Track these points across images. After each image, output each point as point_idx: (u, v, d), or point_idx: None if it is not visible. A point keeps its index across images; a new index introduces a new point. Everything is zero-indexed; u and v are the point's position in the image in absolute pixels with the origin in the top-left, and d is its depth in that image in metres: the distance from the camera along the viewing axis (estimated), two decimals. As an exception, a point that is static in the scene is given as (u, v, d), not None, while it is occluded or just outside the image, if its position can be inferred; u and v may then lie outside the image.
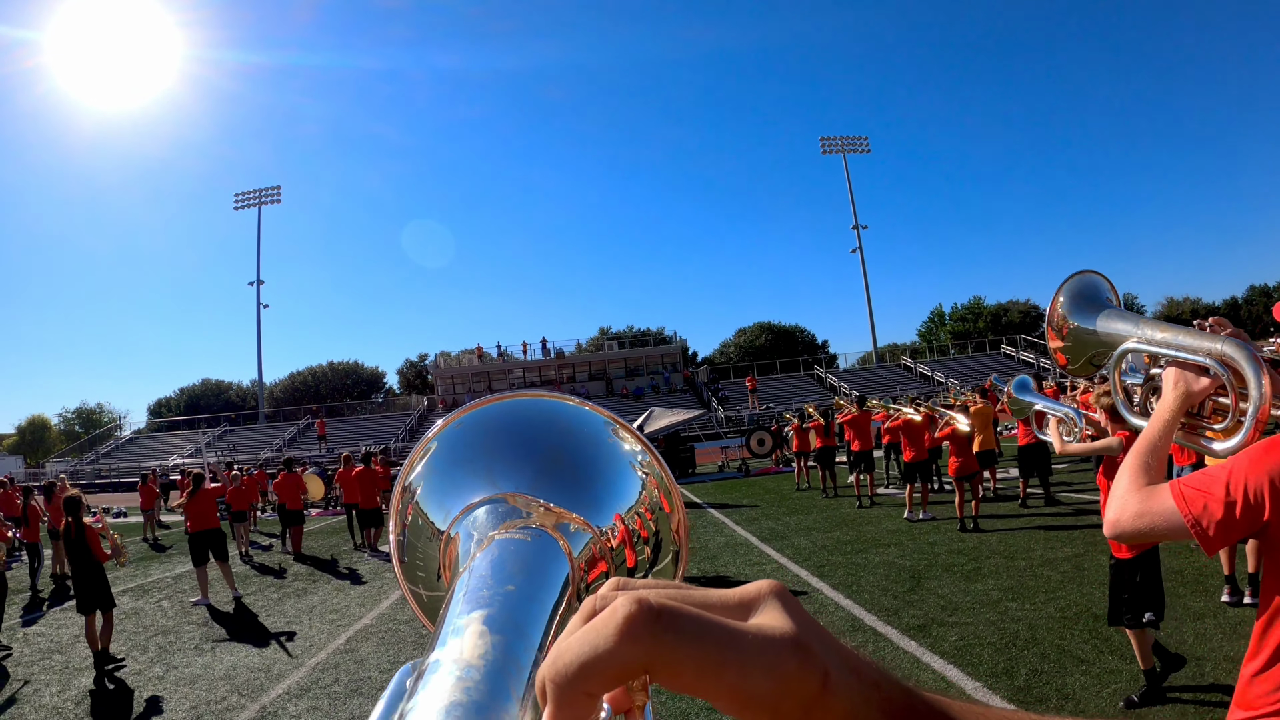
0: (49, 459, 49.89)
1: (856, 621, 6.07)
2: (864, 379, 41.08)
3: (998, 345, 45.35)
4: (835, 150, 51.28)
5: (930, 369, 40.81)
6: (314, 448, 36.88)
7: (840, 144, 51.20)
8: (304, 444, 38.80)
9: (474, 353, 45.66)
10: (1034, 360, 40.16)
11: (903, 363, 45.02)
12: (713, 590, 0.30)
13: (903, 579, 7.26)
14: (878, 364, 47.11)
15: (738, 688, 0.26)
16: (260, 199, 52.90)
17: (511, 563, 0.47)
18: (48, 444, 62.85)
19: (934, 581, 7.05)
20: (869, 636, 5.69)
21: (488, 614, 0.39)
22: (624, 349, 46.90)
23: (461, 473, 0.60)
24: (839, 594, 6.95)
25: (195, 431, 45.84)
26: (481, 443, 0.61)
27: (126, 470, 36.58)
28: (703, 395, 37.75)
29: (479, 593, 0.42)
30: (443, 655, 0.35)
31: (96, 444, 47.13)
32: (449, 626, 0.38)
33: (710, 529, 11.83)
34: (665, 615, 0.27)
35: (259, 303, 51.10)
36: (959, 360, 43.20)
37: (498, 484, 0.58)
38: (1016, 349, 42.89)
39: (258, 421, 47.85)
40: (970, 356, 44.27)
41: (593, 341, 52.33)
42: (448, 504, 0.58)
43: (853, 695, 0.27)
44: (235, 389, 65.72)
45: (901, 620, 5.95)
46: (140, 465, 36.57)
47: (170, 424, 52.24)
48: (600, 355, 46.28)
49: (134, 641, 7.87)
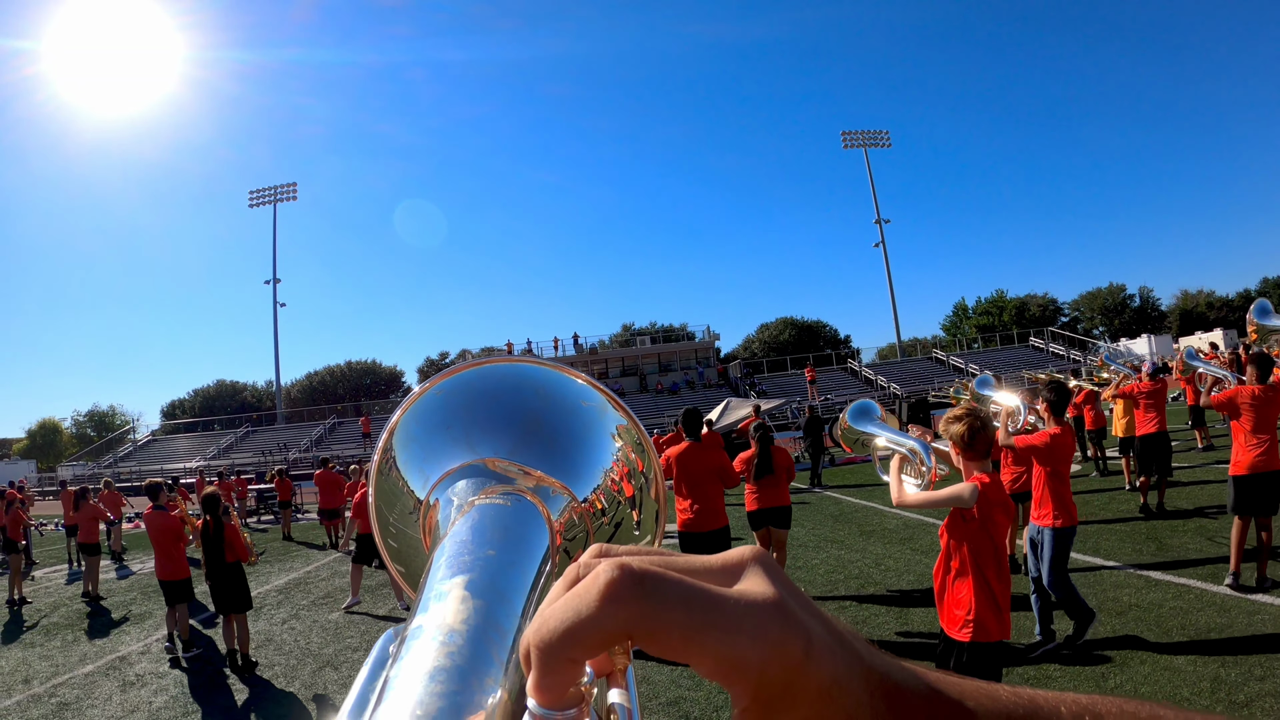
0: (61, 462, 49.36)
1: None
2: (896, 371, 40.84)
3: (1025, 338, 45.12)
4: (856, 144, 51.03)
5: (964, 361, 40.58)
6: (343, 446, 36.36)
7: (861, 138, 50.96)
8: (333, 443, 38.29)
9: (503, 350, 45.24)
10: (1063, 352, 39.97)
11: (934, 355, 44.80)
12: (695, 556, 0.30)
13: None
14: (903, 357, 46.88)
15: (720, 652, 0.26)
16: (276, 196, 52.25)
17: (492, 528, 0.46)
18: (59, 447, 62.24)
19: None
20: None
21: (469, 579, 0.38)
22: (655, 344, 46.47)
23: (440, 439, 0.59)
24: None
25: (212, 433, 45.31)
26: (460, 408, 0.60)
27: (146, 473, 35.99)
28: (739, 389, 37.41)
29: (460, 558, 0.41)
30: (425, 620, 0.35)
31: (113, 447, 46.55)
32: (431, 592, 0.38)
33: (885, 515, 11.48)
34: (648, 580, 0.27)
35: (275, 301, 50.41)
36: (988, 353, 42.96)
37: (477, 449, 0.57)
38: (1045, 341, 42.68)
39: (276, 422, 47.28)
40: (998, 349, 44.04)
41: (616, 338, 51.92)
42: (427, 470, 0.57)
43: (836, 664, 0.27)
44: (250, 390, 65.20)
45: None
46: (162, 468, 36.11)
47: (186, 426, 51.66)
48: (633, 350, 45.85)
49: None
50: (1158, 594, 5.83)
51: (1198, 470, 11.21)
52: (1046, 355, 40.74)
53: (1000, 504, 3.40)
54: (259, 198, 52.95)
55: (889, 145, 51.68)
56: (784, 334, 61.63)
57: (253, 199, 53.34)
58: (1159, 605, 5.57)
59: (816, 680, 0.26)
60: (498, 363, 0.62)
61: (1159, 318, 62.40)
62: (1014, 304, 61.25)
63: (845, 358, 46.05)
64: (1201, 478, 10.58)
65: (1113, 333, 56.72)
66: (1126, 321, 61.10)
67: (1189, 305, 62.03)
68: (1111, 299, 63.18)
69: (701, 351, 44.86)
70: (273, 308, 50.13)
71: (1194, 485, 10.04)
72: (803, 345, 56.15)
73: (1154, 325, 58.76)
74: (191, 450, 41.47)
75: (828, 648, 0.27)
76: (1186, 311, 60.76)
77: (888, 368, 42.12)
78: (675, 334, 50.50)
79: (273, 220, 51.61)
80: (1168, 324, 59.55)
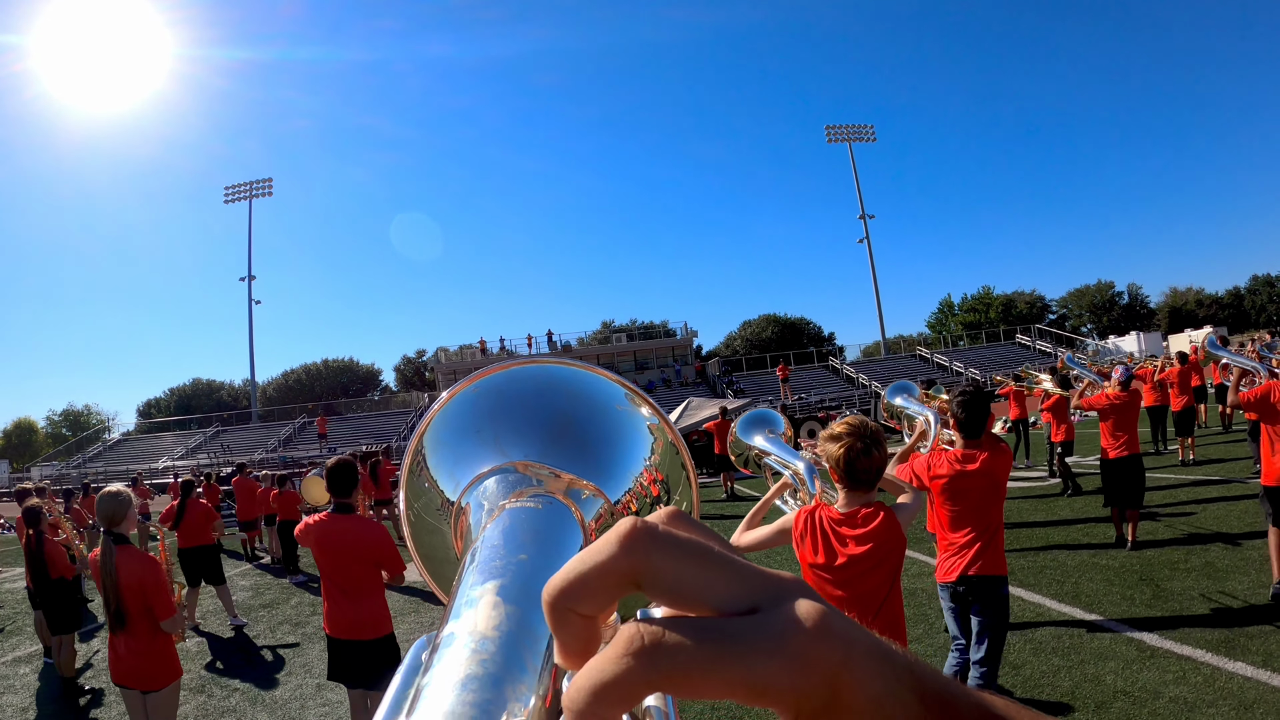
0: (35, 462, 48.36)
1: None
2: (879, 369, 40.03)
3: (1011, 335, 44.42)
4: (841, 139, 50.11)
5: (948, 359, 39.82)
6: (311, 447, 35.42)
7: (846, 133, 50.04)
8: (300, 443, 37.35)
9: (476, 347, 44.37)
10: (1051, 350, 39.25)
11: (918, 353, 44.02)
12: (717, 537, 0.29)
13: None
14: (887, 355, 46.10)
15: (726, 595, 0.26)
16: (251, 191, 51.23)
17: (523, 531, 0.46)
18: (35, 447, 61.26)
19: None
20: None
21: (501, 584, 0.38)
22: (632, 341, 45.60)
23: (469, 443, 0.59)
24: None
25: (186, 433, 44.36)
26: (488, 412, 0.60)
27: (114, 474, 35.01)
28: (717, 388, 36.56)
29: (491, 563, 0.41)
30: (457, 628, 0.35)
31: (84, 446, 45.53)
32: (462, 598, 0.38)
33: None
34: (664, 534, 0.27)
35: (250, 298, 49.53)
36: (974, 350, 42.24)
37: (506, 453, 0.56)
38: (1031, 339, 41.95)
39: (251, 421, 46.31)
40: (984, 346, 43.32)
41: (596, 335, 51.07)
42: (457, 474, 0.57)
43: (885, 674, 0.26)
44: (227, 389, 64.28)
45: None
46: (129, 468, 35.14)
47: (160, 425, 50.67)
48: (608, 348, 44.90)
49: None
50: (1154, 672, 4.38)
51: (1180, 491, 9.46)
52: (1033, 353, 40.01)
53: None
54: (234, 193, 51.96)
55: (874, 140, 50.82)
56: (767, 331, 60.80)
57: (228, 195, 52.28)
58: (1156, 692, 4.14)
59: (864, 690, 0.25)
60: (526, 364, 0.61)
61: (1148, 315, 61.91)
62: (1000, 301, 60.65)
63: (826, 355, 45.24)
64: (1184, 499, 8.91)
65: (1101, 330, 56.18)
66: (1115, 319, 60.57)
67: (1178, 303, 61.53)
68: (1100, 296, 62.64)
69: (679, 349, 44.02)
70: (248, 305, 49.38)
71: (1177, 513, 8.24)
72: (786, 343, 55.19)
73: (1143, 323, 58.26)
74: (160, 451, 40.49)
75: (873, 658, 0.26)
76: (1176, 309, 60.26)
77: (870, 366, 41.28)
78: (652, 331, 49.65)
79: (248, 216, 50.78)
80: (1157, 321, 59.05)
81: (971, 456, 3.83)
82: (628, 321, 59.49)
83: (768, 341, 58.00)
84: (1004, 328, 47.77)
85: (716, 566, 0.26)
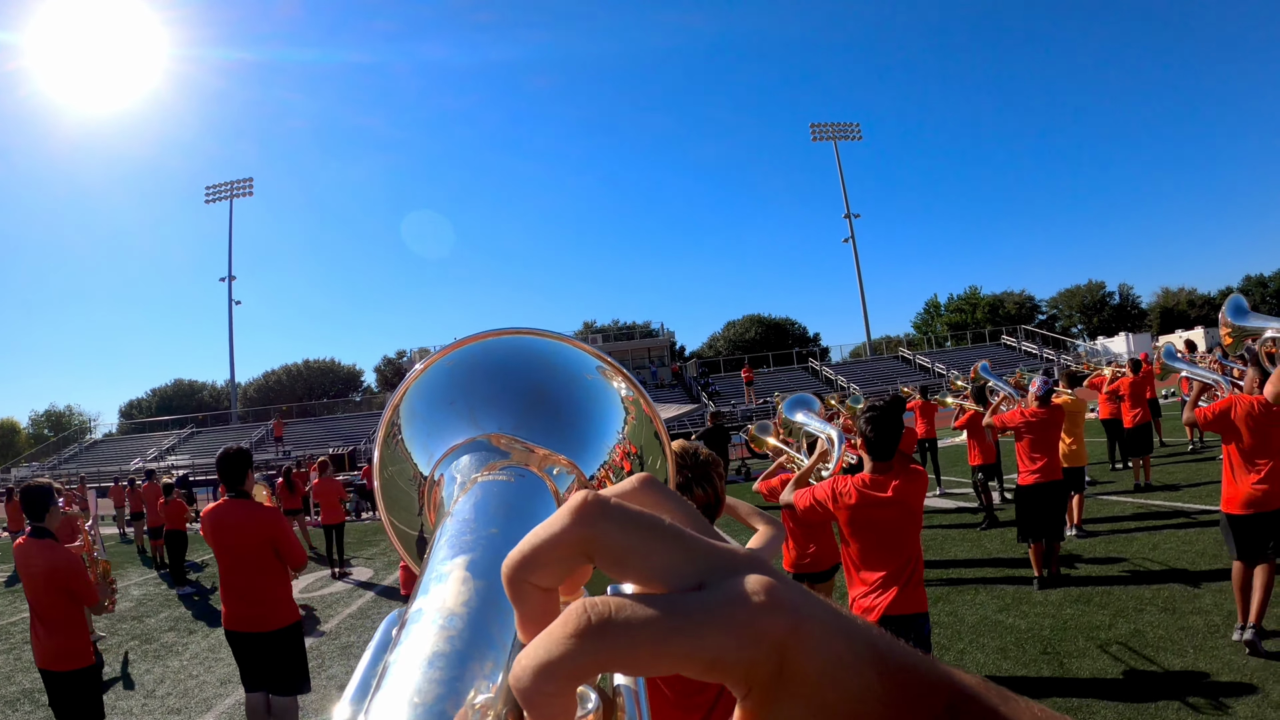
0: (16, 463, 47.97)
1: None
2: (861, 371, 39.39)
3: (997, 336, 43.76)
4: (826, 137, 49.52)
5: (930, 360, 39.19)
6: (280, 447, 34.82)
7: (831, 130, 49.46)
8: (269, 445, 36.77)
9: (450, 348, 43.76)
10: (1036, 351, 38.62)
11: (900, 354, 43.38)
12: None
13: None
14: (872, 356, 45.45)
15: (672, 571, 0.26)
16: (232, 191, 50.94)
17: (495, 505, 0.45)
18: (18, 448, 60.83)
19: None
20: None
21: (471, 559, 0.37)
22: (608, 342, 44.94)
23: (443, 415, 0.57)
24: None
25: (165, 433, 43.88)
26: (463, 383, 0.59)
27: (91, 475, 34.48)
28: (692, 390, 35.93)
29: (462, 537, 0.40)
30: (426, 603, 0.34)
31: (59, 449, 45.07)
32: (432, 573, 0.37)
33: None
34: (615, 507, 0.27)
35: (230, 298, 49.23)
36: (957, 351, 41.58)
37: (480, 425, 0.55)
38: (1017, 340, 41.32)
39: (230, 422, 45.79)
40: (969, 348, 42.66)
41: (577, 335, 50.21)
42: (431, 446, 0.56)
43: (836, 644, 0.26)
44: (209, 389, 63.80)
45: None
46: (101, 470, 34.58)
47: (140, 426, 50.25)
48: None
49: None
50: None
51: (1128, 521, 8.23)
52: (1019, 354, 39.36)
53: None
54: (215, 193, 51.64)
55: (859, 138, 50.28)
56: (750, 332, 60.10)
57: (209, 195, 52.04)
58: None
59: (815, 660, 0.25)
60: (502, 335, 0.59)
61: (1139, 316, 61.27)
62: (987, 301, 59.98)
63: (806, 357, 44.59)
64: (1131, 529, 7.76)
65: (1091, 331, 55.52)
66: (1106, 319, 59.92)
67: (1170, 303, 60.94)
68: (1090, 296, 62.02)
69: (656, 350, 43.36)
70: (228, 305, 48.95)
71: (1113, 554, 7.00)
72: (770, 344, 54.47)
73: (1134, 323, 57.61)
74: (136, 452, 39.97)
75: (824, 628, 0.26)
76: (1167, 309, 59.67)
77: (849, 367, 40.66)
78: (630, 331, 48.97)
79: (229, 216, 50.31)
80: (1148, 322, 58.44)
81: (881, 483, 3.34)
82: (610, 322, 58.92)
83: (751, 342, 57.34)
84: (990, 328, 47.13)
85: (665, 540, 0.26)
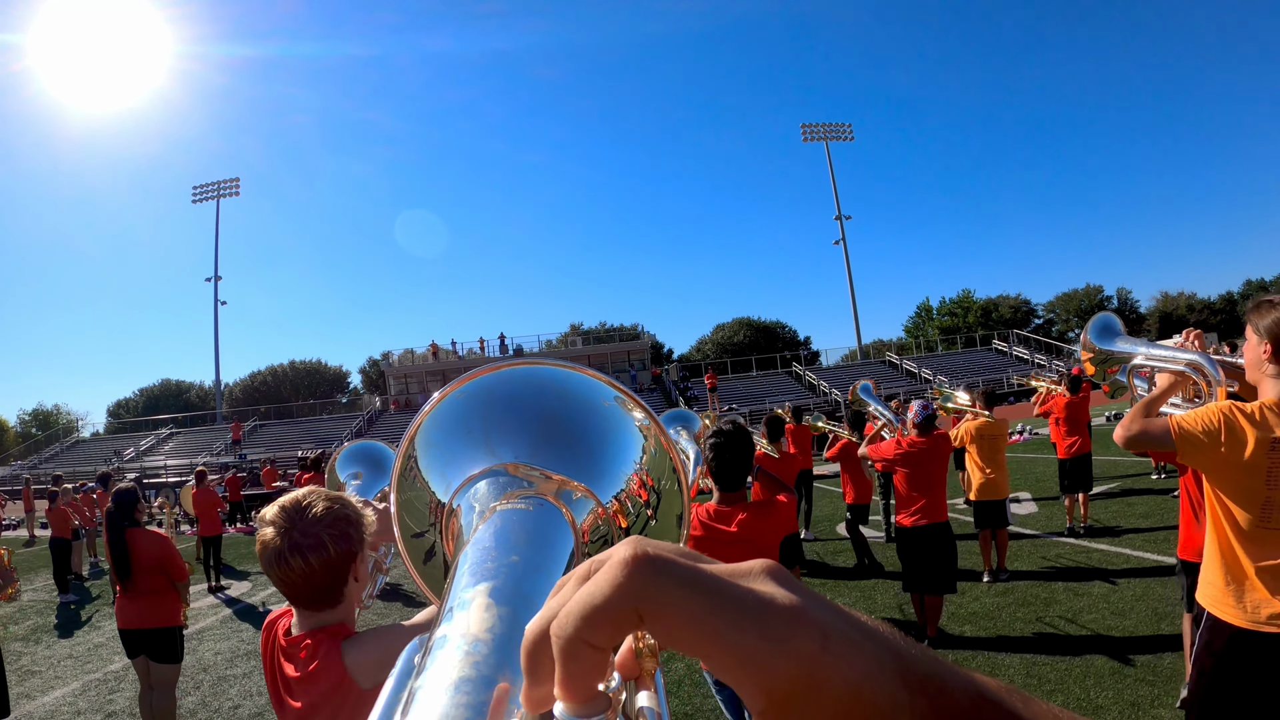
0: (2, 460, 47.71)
1: None
2: (847, 376, 38.62)
3: (989, 340, 42.96)
4: (817, 137, 48.80)
5: (918, 365, 38.40)
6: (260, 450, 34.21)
7: (822, 131, 48.72)
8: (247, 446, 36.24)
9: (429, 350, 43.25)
10: (1027, 356, 37.81)
11: (887, 359, 42.59)
12: (714, 562, 0.30)
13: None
14: (862, 361, 44.67)
15: (728, 639, 0.26)
16: (219, 191, 50.77)
17: (515, 533, 0.46)
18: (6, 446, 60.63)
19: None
20: None
21: (493, 586, 0.38)
22: (588, 345, 44.40)
23: (460, 444, 0.59)
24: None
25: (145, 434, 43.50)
26: (479, 413, 0.60)
27: (72, 475, 34.02)
28: (671, 394, 35.26)
29: (483, 565, 0.41)
30: (449, 630, 0.35)
31: (39, 448, 44.81)
32: (454, 600, 0.37)
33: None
34: (660, 561, 0.27)
35: (216, 298, 48.90)
36: (948, 356, 40.80)
37: (497, 454, 0.57)
38: (1009, 344, 40.50)
39: (215, 422, 45.38)
40: (960, 352, 41.87)
41: (563, 338, 49.87)
42: (449, 476, 0.58)
43: (865, 659, 0.26)
44: (196, 390, 63.44)
45: None
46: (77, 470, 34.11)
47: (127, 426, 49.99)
48: (562, 352, 43.68)
49: None
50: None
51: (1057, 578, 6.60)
52: (1010, 359, 38.57)
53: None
54: (201, 194, 51.43)
55: (851, 139, 49.53)
56: (740, 335, 59.26)
57: (196, 194, 51.84)
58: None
59: (843, 677, 0.25)
60: (516, 365, 0.61)
61: (1138, 321, 60.31)
62: (980, 305, 59.07)
63: (790, 361, 43.83)
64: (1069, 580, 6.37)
65: (1088, 336, 54.48)
66: (1103, 324, 58.86)
67: (1169, 308, 60.03)
68: (1088, 301, 61.07)
69: (637, 353, 42.73)
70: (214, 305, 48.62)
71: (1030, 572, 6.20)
72: (759, 347, 53.73)
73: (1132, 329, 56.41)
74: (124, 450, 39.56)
75: (852, 643, 0.26)
76: (1166, 314, 58.76)
77: (834, 373, 39.86)
78: (612, 335, 48.31)
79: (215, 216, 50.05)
80: (1147, 327, 57.48)
81: (726, 515, 2.98)
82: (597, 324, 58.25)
83: (740, 345, 56.56)
84: (981, 333, 46.29)
85: (712, 590, 0.27)
